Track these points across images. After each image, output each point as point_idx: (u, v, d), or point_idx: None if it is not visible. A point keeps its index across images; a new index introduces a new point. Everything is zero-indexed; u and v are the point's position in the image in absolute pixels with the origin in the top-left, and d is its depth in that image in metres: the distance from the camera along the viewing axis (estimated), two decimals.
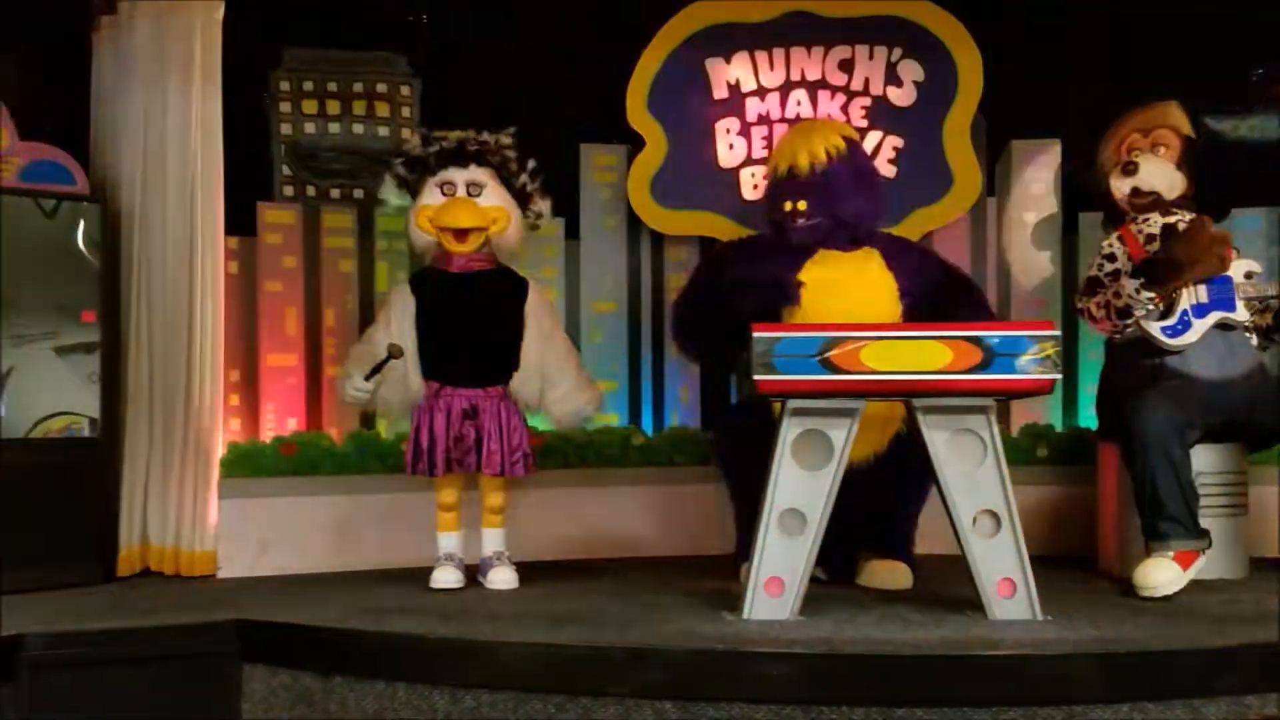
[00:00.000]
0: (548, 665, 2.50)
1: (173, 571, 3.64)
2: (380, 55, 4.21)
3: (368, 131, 4.19)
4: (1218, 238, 3.33)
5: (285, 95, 4.15)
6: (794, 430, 2.81)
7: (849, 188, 3.47)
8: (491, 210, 3.31)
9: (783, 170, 3.49)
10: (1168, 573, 3.03)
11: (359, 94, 4.20)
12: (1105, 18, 4.26)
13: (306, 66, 4.15)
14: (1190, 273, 3.31)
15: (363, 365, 3.30)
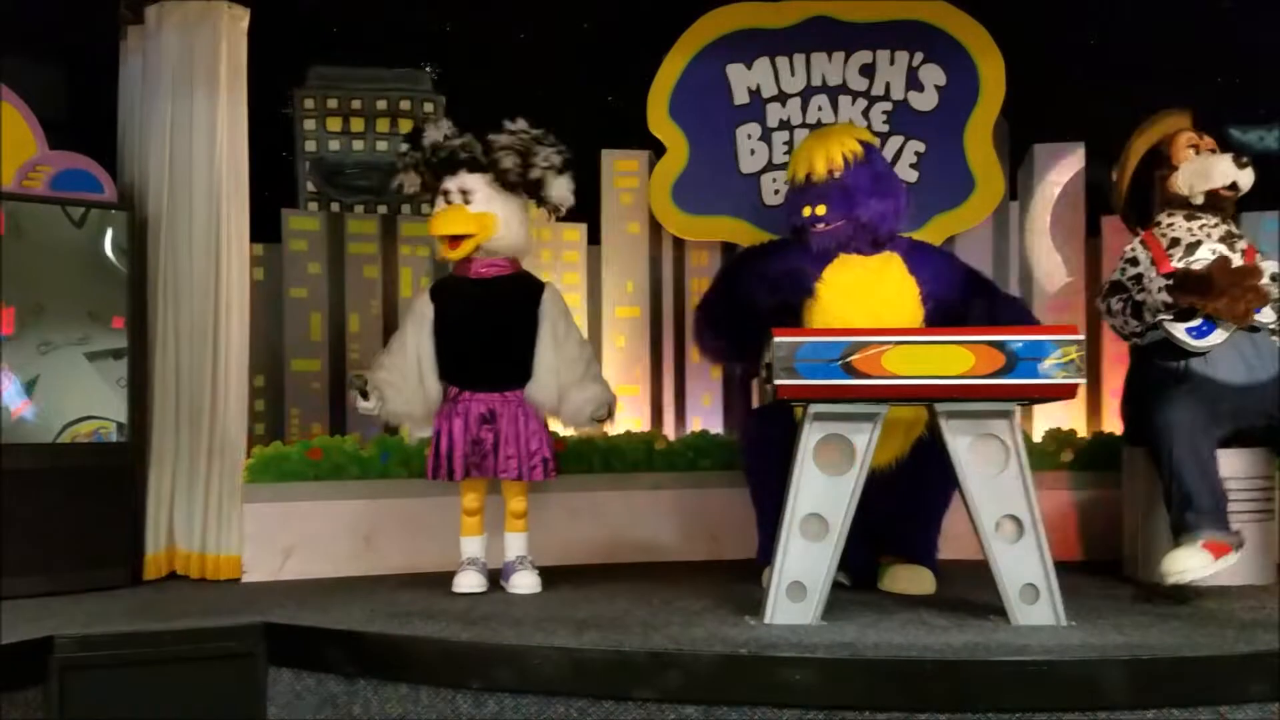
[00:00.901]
0: (571, 669, 2.50)
1: (198, 575, 3.67)
2: (404, 72, 4.24)
3: (392, 148, 4.22)
4: (1259, 291, 3.27)
5: (310, 112, 4.19)
6: (816, 435, 2.81)
7: (868, 191, 3.46)
8: (481, 216, 3.31)
9: (801, 177, 3.49)
10: (1197, 559, 2.95)
11: (383, 111, 4.23)
12: (1128, 21, 4.24)
13: (331, 84, 4.19)
14: (1215, 299, 3.25)
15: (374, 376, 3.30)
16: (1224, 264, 3.29)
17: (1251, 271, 3.27)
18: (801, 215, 3.47)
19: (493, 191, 3.32)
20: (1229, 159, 3.47)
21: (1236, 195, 3.50)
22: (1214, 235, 3.47)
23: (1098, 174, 4.03)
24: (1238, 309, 3.23)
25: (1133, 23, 4.23)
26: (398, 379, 3.32)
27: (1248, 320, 3.27)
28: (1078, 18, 4.26)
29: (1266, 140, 4.21)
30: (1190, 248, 3.44)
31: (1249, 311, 3.25)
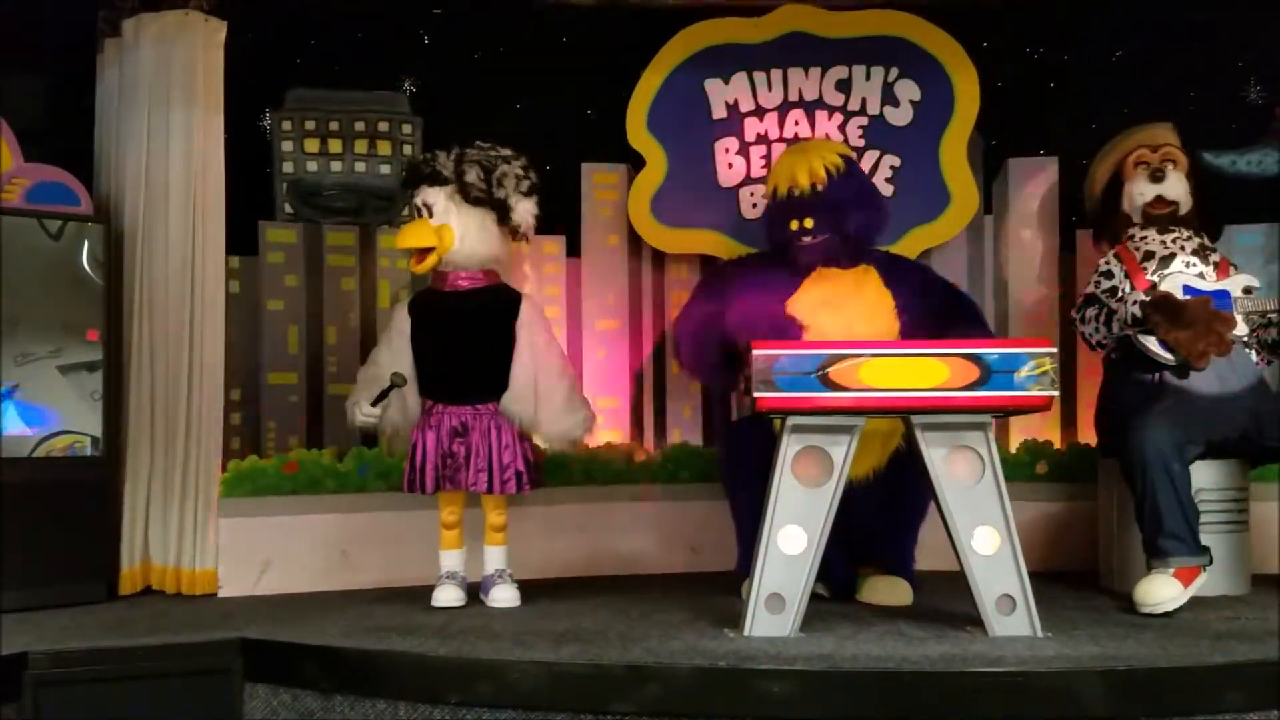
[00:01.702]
0: (549, 683, 2.50)
1: (174, 590, 3.64)
2: (382, 95, 4.24)
3: (370, 170, 4.22)
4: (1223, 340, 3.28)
5: (287, 134, 4.18)
6: (794, 447, 2.83)
7: (853, 203, 3.49)
8: (440, 229, 3.31)
9: (784, 190, 3.50)
10: (1169, 589, 3.04)
11: (361, 132, 4.23)
12: (1102, 36, 4.29)
13: (309, 105, 4.19)
14: (1180, 328, 3.28)
15: (370, 390, 3.33)
16: (1205, 303, 3.32)
17: (1224, 320, 3.31)
18: (787, 229, 3.48)
19: (451, 205, 3.32)
20: (1145, 176, 3.55)
21: (1174, 208, 3.56)
22: (1187, 248, 3.51)
23: (1071, 188, 4.06)
24: (1196, 346, 3.26)
25: (1106, 37, 4.28)
26: (401, 394, 3.34)
27: (1201, 361, 3.28)
28: (1051, 32, 4.30)
29: (1238, 165, 4.25)
30: (1164, 260, 3.48)
31: (1205, 353, 3.27)
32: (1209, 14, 4.16)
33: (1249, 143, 4.26)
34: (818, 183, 3.45)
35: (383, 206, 4.18)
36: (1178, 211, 3.56)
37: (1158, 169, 3.55)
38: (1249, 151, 4.27)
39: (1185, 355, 3.28)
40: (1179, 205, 3.57)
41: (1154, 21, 4.20)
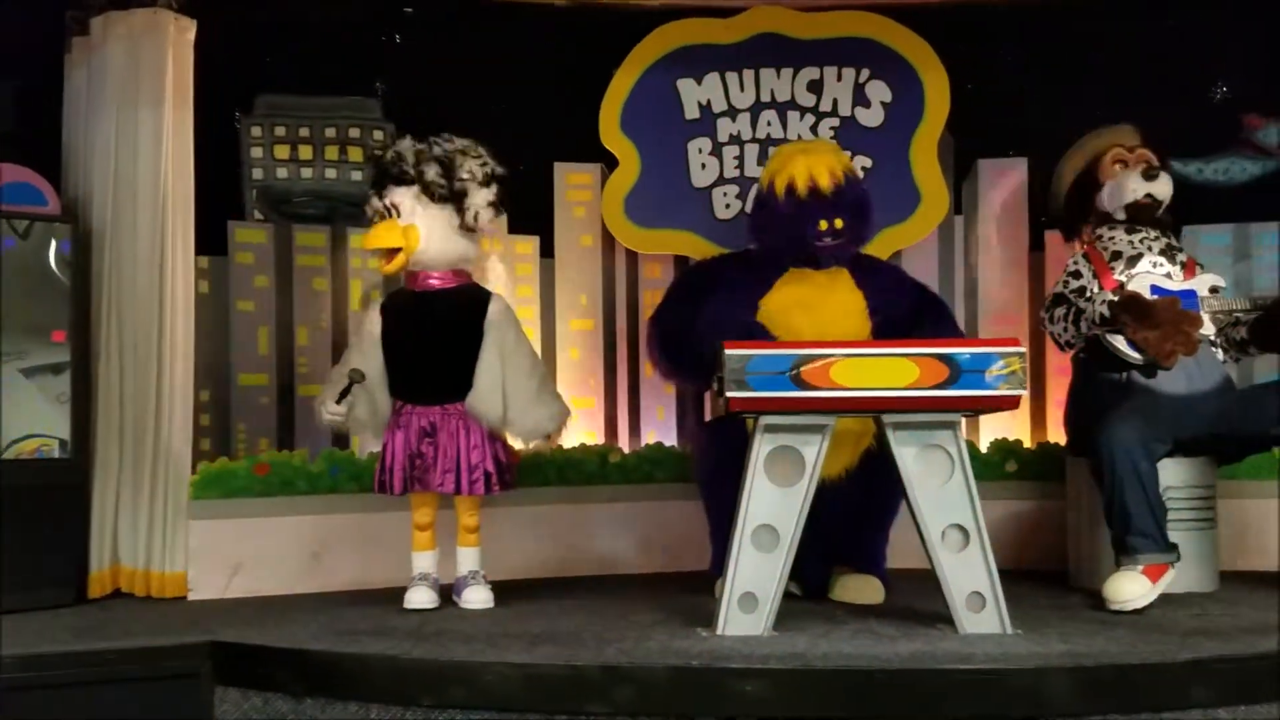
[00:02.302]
0: (523, 684, 2.50)
1: (144, 593, 3.61)
2: (353, 100, 4.22)
3: (341, 176, 4.20)
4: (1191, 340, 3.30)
5: (257, 140, 4.16)
6: (767, 446, 2.83)
7: (866, 204, 3.52)
8: (407, 229, 3.29)
9: (803, 190, 3.43)
10: (1137, 586, 3.07)
11: (331, 139, 4.21)
12: (1071, 37, 4.33)
13: (278, 112, 4.17)
14: (1148, 329, 3.30)
15: (334, 389, 3.31)
16: (1173, 303, 3.35)
17: (1192, 319, 3.33)
18: (812, 227, 3.44)
19: (417, 204, 3.31)
20: (1137, 174, 3.55)
21: (1158, 206, 3.57)
22: (1154, 248, 3.54)
23: (1040, 188, 4.10)
24: (1164, 346, 3.29)
25: (1075, 39, 4.32)
26: (367, 390, 3.32)
27: (1169, 361, 3.31)
28: (1020, 34, 4.34)
29: (1205, 173, 4.30)
30: (1131, 260, 3.51)
31: (1173, 353, 3.30)
32: (1177, 18, 4.21)
33: (1216, 144, 4.31)
34: (838, 183, 3.45)
35: (354, 213, 4.15)
36: (1158, 211, 3.58)
37: (1153, 167, 3.55)
38: (1215, 160, 4.31)
39: (1153, 355, 3.31)
40: (1163, 204, 3.58)
41: (1122, 24, 4.24)
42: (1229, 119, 4.32)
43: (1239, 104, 4.31)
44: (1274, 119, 4.26)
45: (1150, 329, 3.28)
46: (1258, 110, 4.27)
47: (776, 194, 3.48)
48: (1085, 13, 4.24)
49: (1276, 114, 4.26)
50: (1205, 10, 4.19)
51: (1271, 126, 4.25)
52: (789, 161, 3.52)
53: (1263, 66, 4.26)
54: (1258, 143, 4.25)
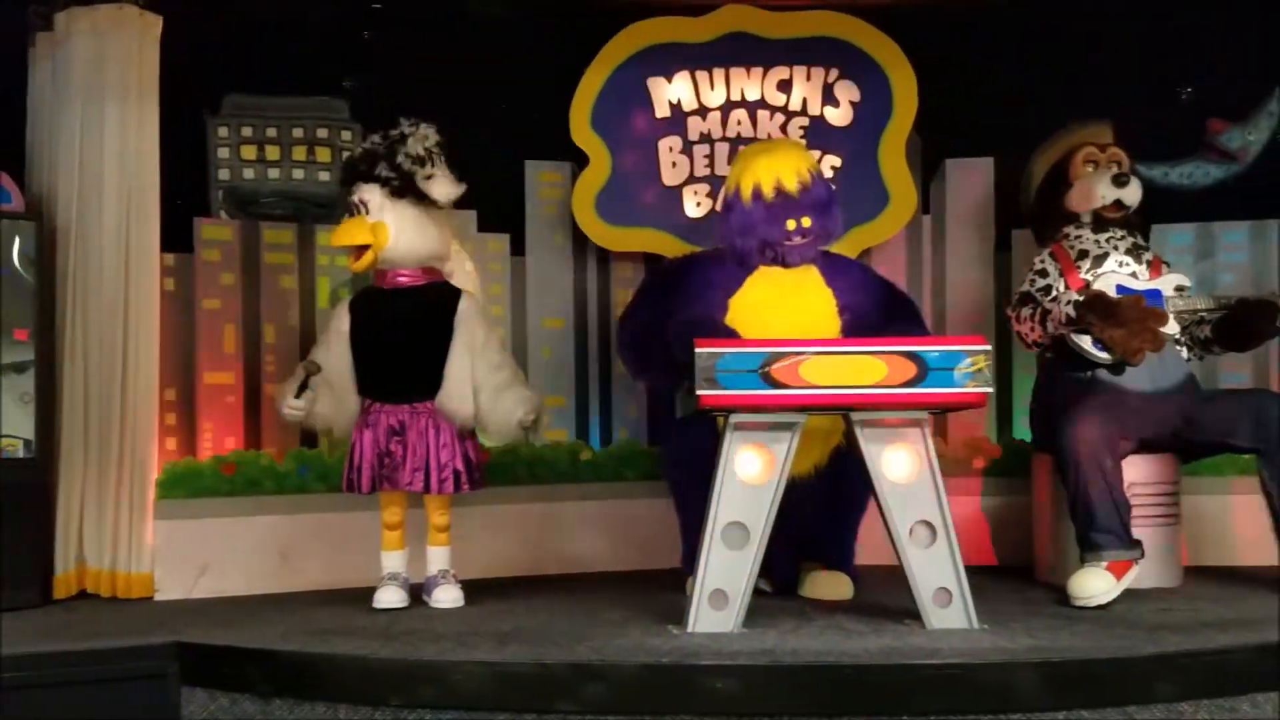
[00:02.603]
0: (492, 683, 2.50)
1: (109, 594, 3.57)
2: (321, 100, 4.20)
3: (308, 176, 4.18)
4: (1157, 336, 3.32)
5: (223, 141, 4.13)
6: (737, 444, 2.85)
7: (833, 201, 3.54)
8: (376, 226, 3.28)
9: (769, 191, 3.43)
10: (1102, 582, 3.10)
11: (299, 139, 4.18)
12: (1038, 37, 4.37)
13: (245, 112, 4.14)
14: (1115, 327, 3.31)
15: (294, 383, 3.29)
16: (1138, 301, 3.38)
17: (1157, 316, 3.36)
18: (780, 229, 3.45)
19: (385, 200, 3.29)
20: (1108, 178, 3.57)
21: (1125, 212, 3.59)
22: (1121, 247, 3.58)
23: (1007, 188, 4.13)
24: (1131, 344, 3.31)
25: (1042, 38, 4.35)
26: (328, 384, 3.30)
27: (1137, 358, 3.33)
28: (988, 34, 4.37)
29: (1170, 176, 4.34)
30: (1098, 259, 3.55)
31: (1140, 350, 3.32)
32: (1143, 18, 4.25)
33: (1182, 144, 4.36)
34: (804, 183, 3.46)
35: (322, 214, 4.14)
36: (1127, 216, 3.61)
37: (1123, 174, 3.56)
38: (1181, 164, 4.37)
39: (1121, 353, 3.34)
40: (1132, 207, 3.61)
41: (1089, 25, 4.29)
42: (1195, 119, 4.38)
43: (1204, 105, 4.37)
44: (1237, 123, 4.30)
45: (1116, 327, 3.31)
46: (1221, 114, 4.32)
47: (743, 198, 3.48)
48: (1052, 14, 4.28)
49: (1239, 118, 4.31)
50: (1172, 12, 4.24)
51: (1234, 131, 4.30)
52: (752, 164, 3.51)
53: (1226, 68, 4.32)
54: (1221, 147, 4.30)
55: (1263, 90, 4.39)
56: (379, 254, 3.30)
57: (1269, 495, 3.25)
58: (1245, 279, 4.14)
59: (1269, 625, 2.76)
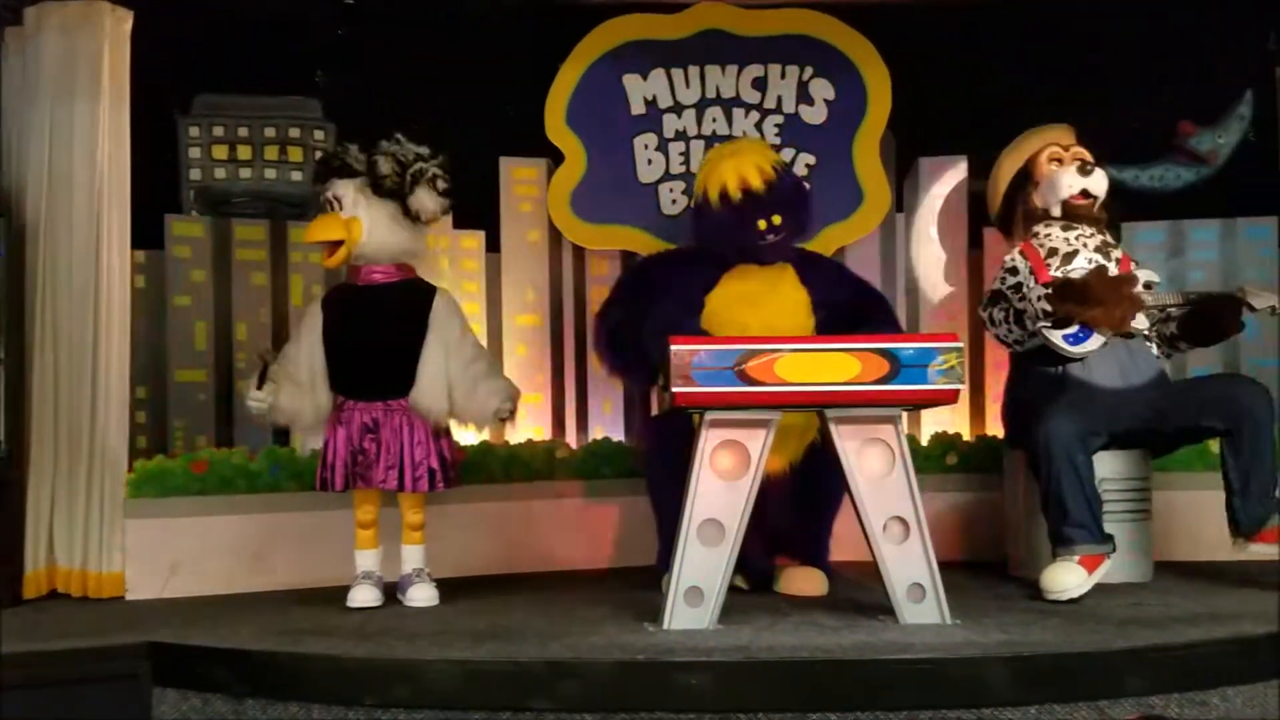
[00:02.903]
0: (467, 681, 2.49)
1: (80, 594, 3.54)
2: (294, 99, 4.17)
3: (281, 176, 4.15)
4: (1135, 299, 3.35)
5: (194, 140, 4.11)
6: (712, 441, 2.85)
7: (803, 195, 3.54)
8: (349, 222, 3.28)
9: (736, 193, 3.43)
10: (1074, 576, 3.13)
11: (271, 139, 4.16)
12: (1010, 36, 4.39)
13: (216, 111, 4.12)
14: (1092, 307, 3.32)
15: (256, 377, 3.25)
16: (1101, 272, 3.40)
17: (1127, 280, 3.38)
18: (751, 230, 3.45)
19: (360, 197, 3.29)
20: (1072, 169, 3.59)
21: (1094, 202, 3.61)
22: (1090, 245, 3.60)
23: (979, 186, 4.15)
24: (1114, 316, 3.34)
25: (1015, 38, 4.38)
26: (291, 377, 3.27)
27: (1124, 327, 3.36)
28: (961, 33, 4.40)
29: (1140, 179, 4.37)
30: (1067, 257, 3.57)
31: (1125, 319, 3.34)
32: (1114, 19, 4.29)
33: (1150, 143, 4.39)
34: (770, 181, 3.46)
35: (294, 214, 4.12)
36: (1094, 207, 3.63)
37: (1086, 163, 3.59)
38: (1151, 166, 4.40)
39: (1108, 328, 3.35)
40: (1099, 199, 3.63)
41: (1062, 25, 4.32)
42: (1164, 113, 4.41)
43: (1175, 106, 4.40)
44: (1207, 127, 4.34)
45: (1095, 307, 3.33)
46: (1190, 115, 4.35)
47: (711, 202, 3.48)
48: (1025, 14, 4.31)
49: (1209, 121, 4.35)
50: (1144, 13, 4.28)
51: (1205, 134, 4.34)
52: (717, 167, 3.51)
53: (1196, 70, 4.36)
54: (1191, 150, 4.33)
55: (1231, 90, 4.43)
56: (352, 250, 3.29)
57: (1227, 474, 3.29)
58: (1215, 276, 4.18)
59: (1238, 619, 2.80)
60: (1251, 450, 3.24)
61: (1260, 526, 3.24)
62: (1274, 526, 3.24)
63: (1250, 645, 2.62)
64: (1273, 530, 3.24)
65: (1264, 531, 3.24)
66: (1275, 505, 3.25)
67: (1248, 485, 3.25)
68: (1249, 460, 3.24)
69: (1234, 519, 3.28)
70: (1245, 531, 3.26)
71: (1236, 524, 3.28)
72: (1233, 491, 3.28)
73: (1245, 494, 3.25)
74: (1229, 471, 3.29)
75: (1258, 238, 4.23)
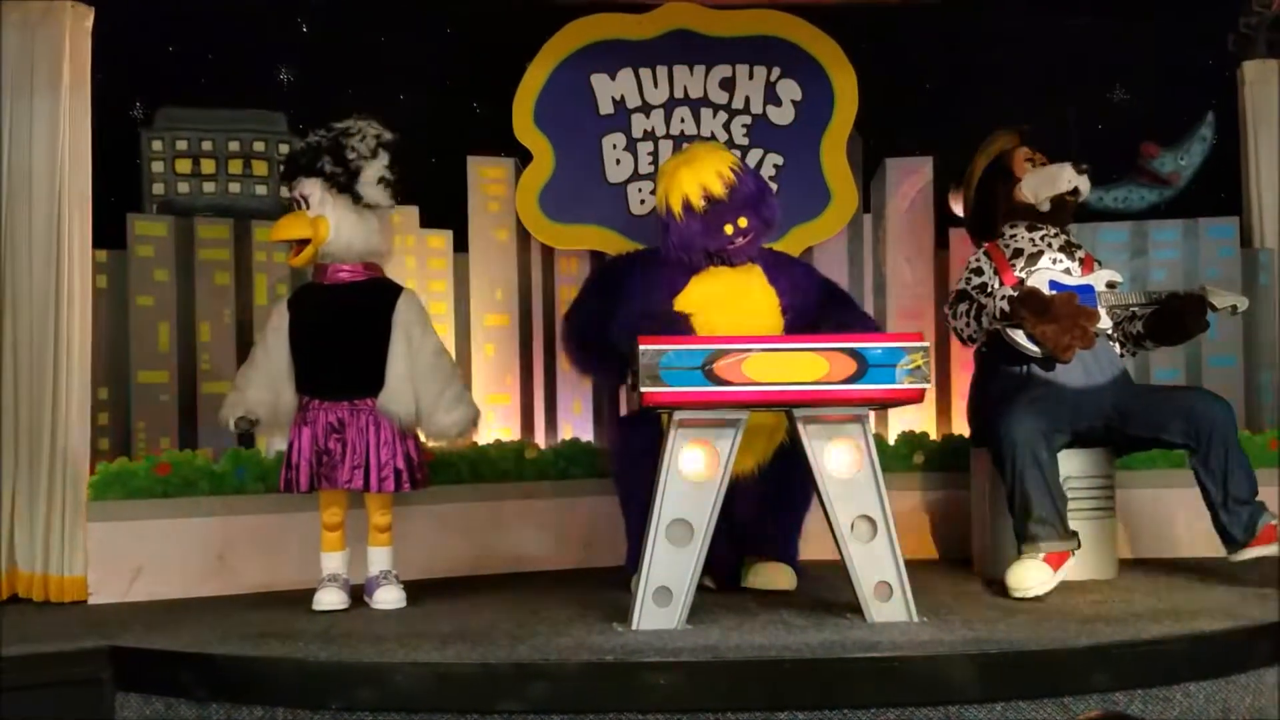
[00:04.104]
0: (434, 684, 2.48)
1: (42, 598, 3.49)
2: (259, 113, 4.13)
3: (245, 191, 4.11)
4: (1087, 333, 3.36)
5: (157, 155, 4.07)
6: (681, 441, 2.85)
7: (765, 193, 3.54)
8: (315, 221, 3.26)
9: (699, 202, 3.40)
10: (1039, 574, 3.15)
11: (235, 153, 4.12)
12: (975, 39, 4.43)
13: (179, 125, 4.08)
14: (1046, 323, 3.34)
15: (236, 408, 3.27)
16: (1070, 299, 3.42)
17: (1090, 315, 3.40)
18: (720, 235, 3.44)
19: (325, 195, 3.27)
20: (1069, 166, 3.62)
21: (1077, 200, 3.65)
22: (1055, 245, 3.63)
23: (945, 187, 4.18)
24: (1062, 340, 3.35)
25: (980, 40, 4.41)
26: (266, 394, 3.26)
27: (1066, 355, 3.36)
28: (927, 34, 4.42)
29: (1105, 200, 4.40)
30: (1032, 258, 3.60)
31: (1070, 347, 3.35)
32: (1082, 19, 4.33)
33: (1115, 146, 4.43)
34: (730, 184, 3.46)
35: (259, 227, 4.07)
36: (1072, 208, 3.65)
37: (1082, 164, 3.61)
38: (1115, 187, 4.44)
39: (1051, 349, 3.38)
40: (1080, 201, 3.66)
41: (1026, 24, 4.35)
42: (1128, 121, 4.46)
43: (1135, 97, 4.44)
44: (1169, 148, 4.38)
45: (1049, 323, 3.36)
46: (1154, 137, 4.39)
47: (675, 214, 3.45)
48: (990, 16, 4.34)
49: (1172, 143, 4.39)
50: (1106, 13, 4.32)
51: (1167, 156, 4.38)
52: (675, 178, 3.47)
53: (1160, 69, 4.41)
54: (1154, 171, 4.38)
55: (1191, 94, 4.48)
56: (318, 249, 3.27)
57: (1206, 491, 3.31)
58: (1176, 275, 4.23)
59: (1201, 616, 2.83)
60: (1221, 462, 3.26)
61: (1252, 534, 3.25)
62: (1264, 528, 3.25)
63: (1212, 641, 2.66)
64: (1263, 532, 3.25)
65: (1257, 536, 3.25)
66: (1260, 508, 3.28)
67: (1227, 497, 3.27)
68: (1223, 474, 3.26)
69: (1224, 533, 3.29)
70: (1239, 541, 3.26)
71: (1228, 536, 3.29)
72: (1215, 506, 3.29)
73: (1227, 506, 3.27)
74: (1206, 487, 3.30)
75: (1219, 236, 4.28)
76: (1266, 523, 3.25)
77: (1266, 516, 3.26)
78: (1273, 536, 3.24)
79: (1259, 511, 3.27)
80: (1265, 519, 3.26)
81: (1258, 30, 4.33)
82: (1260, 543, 3.25)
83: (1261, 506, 3.28)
